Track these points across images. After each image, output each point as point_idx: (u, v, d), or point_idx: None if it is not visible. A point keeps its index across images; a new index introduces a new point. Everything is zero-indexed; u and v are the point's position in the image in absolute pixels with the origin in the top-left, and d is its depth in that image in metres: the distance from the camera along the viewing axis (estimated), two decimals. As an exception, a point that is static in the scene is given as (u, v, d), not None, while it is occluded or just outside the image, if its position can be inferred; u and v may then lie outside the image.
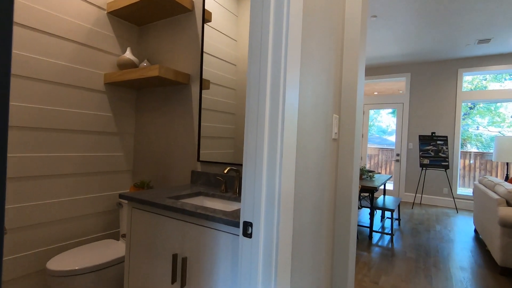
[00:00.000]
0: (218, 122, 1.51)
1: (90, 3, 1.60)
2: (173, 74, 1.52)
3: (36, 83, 1.39)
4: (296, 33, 0.73)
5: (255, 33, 0.73)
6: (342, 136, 1.13)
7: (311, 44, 0.86)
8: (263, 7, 0.72)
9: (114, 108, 1.75)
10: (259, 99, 0.71)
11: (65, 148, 1.52)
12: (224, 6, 1.49)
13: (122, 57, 1.66)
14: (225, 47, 1.48)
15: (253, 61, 0.73)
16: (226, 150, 1.49)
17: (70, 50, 1.52)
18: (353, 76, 1.10)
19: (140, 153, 1.84)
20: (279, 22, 0.70)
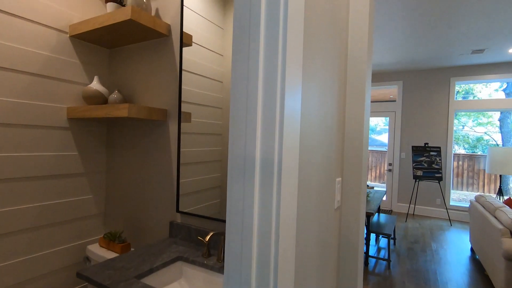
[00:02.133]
0: (202, 168, 1.31)
1: (48, 26, 1.36)
2: (146, 113, 1.30)
3: (-23, 127, 1.15)
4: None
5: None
6: (344, 203, 0.94)
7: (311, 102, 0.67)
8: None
9: (80, 145, 1.52)
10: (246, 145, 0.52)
11: (19, 200, 1.28)
12: (208, 19, 1.28)
13: (87, 88, 1.43)
14: (210, 63, 1.28)
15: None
16: (211, 201, 1.28)
17: (24, 84, 1.28)
18: (359, 135, 0.92)
19: (113, 194, 1.61)
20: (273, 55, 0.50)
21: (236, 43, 0.53)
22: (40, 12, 1.33)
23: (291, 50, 0.51)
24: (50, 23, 1.37)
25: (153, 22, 1.31)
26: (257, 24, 0.51)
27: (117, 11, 1.25)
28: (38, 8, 1.32)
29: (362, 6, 1.01)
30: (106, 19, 1.29)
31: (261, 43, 0.51)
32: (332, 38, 0.82)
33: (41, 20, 1.33)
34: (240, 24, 0.53)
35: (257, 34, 0.51)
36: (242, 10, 0.53)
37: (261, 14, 0.51)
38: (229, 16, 1.24)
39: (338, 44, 0.89)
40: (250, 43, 0.52)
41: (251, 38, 0.52)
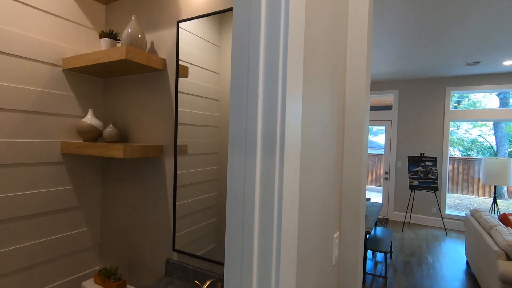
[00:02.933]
0: (198, 205, 1.29)
1: (41, 61, 1.33)
2: (141, 152, 1.28)
3: (-32, 172, 1.13)
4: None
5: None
6: (343, 259, 0.93)
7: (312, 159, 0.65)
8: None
9: (74, 179, 1.49)
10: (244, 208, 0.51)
11: (13, 241, 1.26)
12: (205, 38, 1.26)
13: (81, 122, 1.40)
14: (206, 82, 1.27)
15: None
16: (209, 244, 1.27)
17: (16, 123, 1.26)
18: (356, 191, 0.91)
19: (108, 226, 1.59)
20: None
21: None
22: (32, 47, 1.30)
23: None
24: (42, 58, 1.34)
25: (148, 59, 1.29)
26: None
27: (111, 50, 1.23)
28: (30, 44, 1.29)
29: (361, 36, 1.00)
30: (100, 57, 1.27)
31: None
32: (330, 88, 0.81)
33: (33, 56, 1.31)
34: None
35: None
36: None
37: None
38: (225, 34, 1.22)
39: (336, 93, 0.88)
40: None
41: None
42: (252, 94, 0.52)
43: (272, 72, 0.50)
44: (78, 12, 1.47)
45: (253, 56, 0.52)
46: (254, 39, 0.52)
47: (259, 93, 0.51)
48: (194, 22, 1.29)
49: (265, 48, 0.51)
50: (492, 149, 8.62)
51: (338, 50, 0.91)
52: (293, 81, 0.52)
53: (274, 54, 0.50)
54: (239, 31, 0.53)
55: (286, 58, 0.50)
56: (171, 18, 1.36)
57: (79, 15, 1.48)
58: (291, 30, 0.51)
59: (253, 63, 0.52)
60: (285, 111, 0.50)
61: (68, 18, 1.43)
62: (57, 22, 1.39)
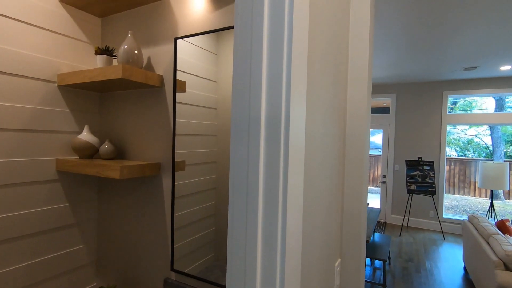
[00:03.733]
0: (196, 215, 1.28)
1: (35, 78, 1.31)
2: (139, 171, 1.26)
3: (-40, 195, 1.10)
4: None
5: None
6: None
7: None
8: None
9: (70, 196, 1.47)
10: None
11: (7, 262, 1.23)
12: (202, 47, 1.25)
13: (77, 139, 1.38)
14: (204, 91, 1.26)
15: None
16: (208, 253, 1.25)
17: (8, 142, 1.23)
18: (358, 210, 0.90)
19: (105, 243, 1.57)
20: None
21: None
22: (25, 64, 1.27)
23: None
24: (36, 75, 1.31)
25: (145, 76, 1.27)
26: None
27: (107, 68, 1.21)
28: (23, 61, 1.27)
29: (362, 48, 0.99)
30: (96, 75, 1.24)
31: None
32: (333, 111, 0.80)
33: (26, 73, 1.28)
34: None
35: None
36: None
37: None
38: (223, 42, 1.21)
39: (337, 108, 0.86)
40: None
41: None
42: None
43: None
44: (73, 26, 1.45)
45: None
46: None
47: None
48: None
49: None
50: (488, 149, 8.67)
51: (340, 54, 0.90)
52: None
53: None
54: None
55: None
56: (168, 34, 1.34)
57: (74, 29, 1.45)
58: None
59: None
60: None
61: (62, 33, 1.40)
62: (51, 37, 1.36)
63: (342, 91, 0.95)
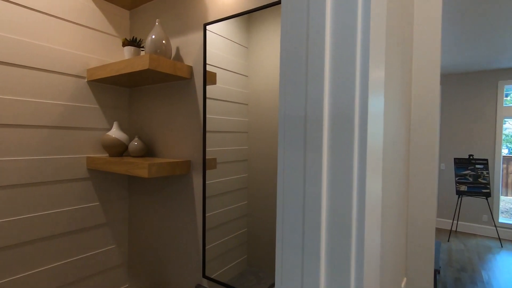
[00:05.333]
0: (227, 215, 1.17)
1: (65, 74, 1.27)
2: (168, 169, 1.17)
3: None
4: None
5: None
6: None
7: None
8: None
9: (101, 195, 1.43)
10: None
11: (41, 262, 1.21)
12: (232, 40, 1.14)
13: (106, 136, 1.33)
14: (235, 86, 1.15)
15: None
16: (241, 255, 1.14)
17: (40, 139, 1.20)
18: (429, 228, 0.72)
19: (136, 244, 1.52)
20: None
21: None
22: (56, 60, 1.24)
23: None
24: (67, 70, 1.28)
25: (173, 67, 1.18)
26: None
27: (134, 60, 1.13)
28: (54, 57, 1.23)
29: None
30: (123, 67, 1.18)
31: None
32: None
33: (57, 68, 1.25)
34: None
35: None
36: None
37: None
38: (254, 34, 1.09)
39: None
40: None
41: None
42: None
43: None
44: (102, 19, 1.40)
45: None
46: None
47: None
48: (221, 24, 1.16)
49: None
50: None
51: (405, 39, 0.72)
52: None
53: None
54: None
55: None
56: (198, 21, 1.24)
57: (103, 22, 1.41)
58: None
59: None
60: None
61: (91, 27, 1.36)
62: (80, 31, 1.32)
63: (407, 84, 0.77)
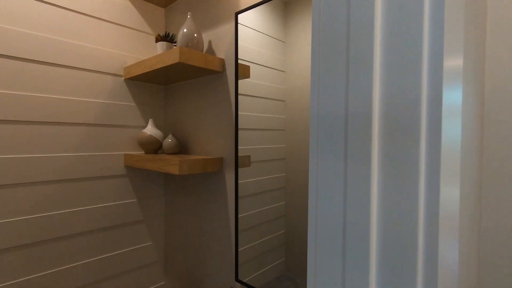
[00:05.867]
0: (263, 216, 1.09)
1: (103, 72, 1.30)
2: (200, 167, 1.13)
3: (36, 187, 1.13)
4: None
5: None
6: None
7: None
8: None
9: (138, 192, 1.44)
10: None
11: (80, 256, 1.25)
12: (268, 34, 1.06)
13: (142, 134, 1.33)
14: (270, 82, 1.08)
15: None
16: (278, 258, 1.05)
17: (80, 137, 1.24)
18: None
19: (172, 241, 1.51)
20: None
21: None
22: (94, 59, 1.27)
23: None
24: (105, 69, 1.31)
25: (204, 60, 1.13)
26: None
27: (165, 54, 1.11)
28: (92, 56, 1.26)
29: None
30: (155, 63, 1.16)
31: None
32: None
33: (96, 67, 1.28)
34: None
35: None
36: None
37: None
38: (291, 28, 1.00)
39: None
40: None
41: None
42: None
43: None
44: (138, 18, 1.41)
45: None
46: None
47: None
48: (254, 16, 1.09)
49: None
50: None
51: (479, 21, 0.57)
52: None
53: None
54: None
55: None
56: (229, 11, 1.18)
57: (139, 21, 1.42)
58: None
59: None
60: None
61: (128, 26, 1.38)
62: (117, 31, 1.34)
63: (480, 66, 0.62)
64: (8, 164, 1.06)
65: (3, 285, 1.05)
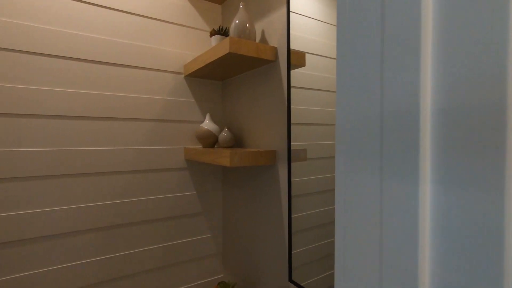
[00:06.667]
0: (320, 218, 0.99)
1: (166, 71, 1.38)
2: (251, 159, 1.10)
3: (112, 176, 1.26)
4: None
5: None
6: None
7: None
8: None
9: (197, 184, 1.49)
10: None
11: (147, 241, 1.35)
12: (322, 20, 0.97)
13: (200, 128, 1.37)
14: (328, 73, 0.98)
15: None
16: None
17: (145, 131, 1.34)
18: None
19: (229, 235, 1.52)
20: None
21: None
22: (159, 59, 1.36)
23: None
24: (167, 68, 1.39)
25: (255, 49, 1.10)
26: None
27: (217, 46, 1.11)
28: (158, 56, 1.35)
29: None
30: (209, 56, 1.17)
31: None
32: None
33: (160, 66, 1.36)
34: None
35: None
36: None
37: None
38: None
39: None
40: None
41: None
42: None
43: None
44: (195, 16, 1.46)
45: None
46: None
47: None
48: (310, 3, 1.01)
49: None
50: None
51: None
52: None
53: None
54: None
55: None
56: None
57: (197, 19, 1.47)
58: None
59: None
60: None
61: (187, 25, 1.44)
62: (177, 30, 1.41)
63: None
64: (88, 155, 1.20)
65: (83, 262, 1.20)
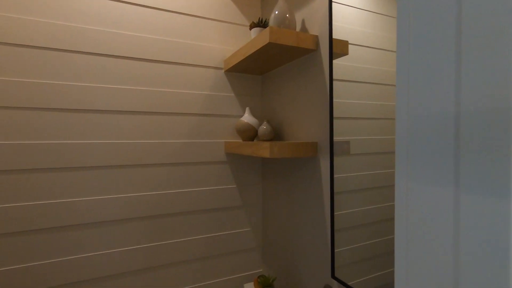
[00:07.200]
0: (368, 217, 0.94)
1: (207, 66, 1.42)
2: (291, 151, 1.07)
3: (157, 168, 1.32)
4: None
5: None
6: None
7: None
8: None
9: (237, 178, 1.51)
10: None
11: (189, 232, 1.40)
12: (367, 9, 0.92)
13: (239, 121, 1.38)
14: (374, 65, 0.92)
15: None
16: (384, 267, 0.89)
17: (188, 125, 1.39)
18: None
19: (269, 229, 1.51)
20: None
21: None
22: (200, 55, 1.40)
23: None
24: (208, 63, 1.42)
25: (295, 38, 1.07)
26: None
27: (256, 37, 1.11)
28: (199, 52, 1.39)
29: None
30: (248, 49, 1.18)
31: None
32: None
33: (201, 62, 1.40)
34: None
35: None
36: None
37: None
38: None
39: None
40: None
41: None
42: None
43: None
44: (236, 12, 1.48)
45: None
46: None
47: None
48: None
49: None
50: None
51: None
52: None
53: None
54: None
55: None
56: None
57: (237, 15, 1.48)
58: None
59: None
60: None
61: (227, 20, 1.46)
62: (217, 26, 1.44)
63: None
64: (137, 148, 1.28)
65: (130, 248, 1.28)
